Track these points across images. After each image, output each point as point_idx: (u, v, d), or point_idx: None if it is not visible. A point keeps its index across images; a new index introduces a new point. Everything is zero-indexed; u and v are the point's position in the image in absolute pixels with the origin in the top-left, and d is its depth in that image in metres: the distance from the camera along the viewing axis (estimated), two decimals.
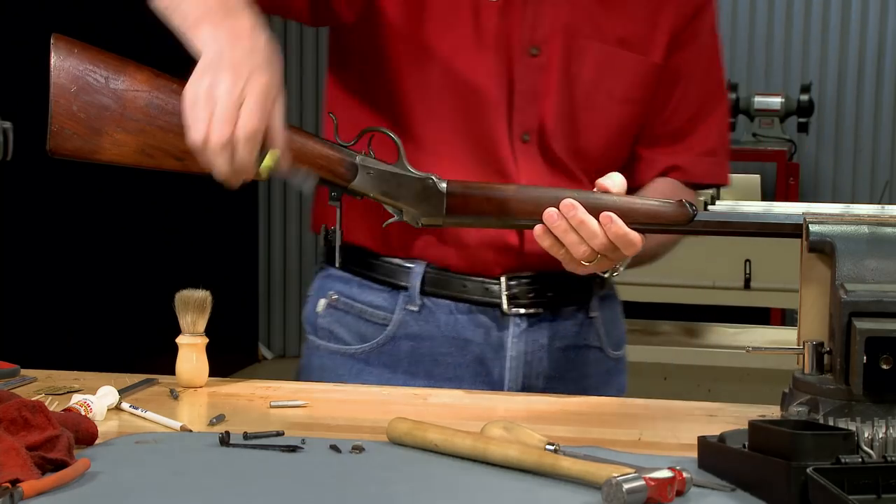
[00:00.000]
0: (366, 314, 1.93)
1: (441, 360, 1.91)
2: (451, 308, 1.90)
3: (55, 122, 1.66)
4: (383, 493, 1.35)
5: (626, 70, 1.91)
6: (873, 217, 1.56)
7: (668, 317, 4.81)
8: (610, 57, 1.90)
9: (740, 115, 6.37)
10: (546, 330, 1.93)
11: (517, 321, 1.91)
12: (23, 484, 1.28)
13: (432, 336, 1.91)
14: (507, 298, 1.90)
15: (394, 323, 1.91)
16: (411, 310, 1.91)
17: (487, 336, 1.91)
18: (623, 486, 1.26)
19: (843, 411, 1.43)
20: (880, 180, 7.00)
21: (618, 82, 1.91)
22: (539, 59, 1.87)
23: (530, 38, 1.86)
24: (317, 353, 1.97)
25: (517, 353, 1.91)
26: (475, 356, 1.91)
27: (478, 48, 1.85)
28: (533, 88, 1.87)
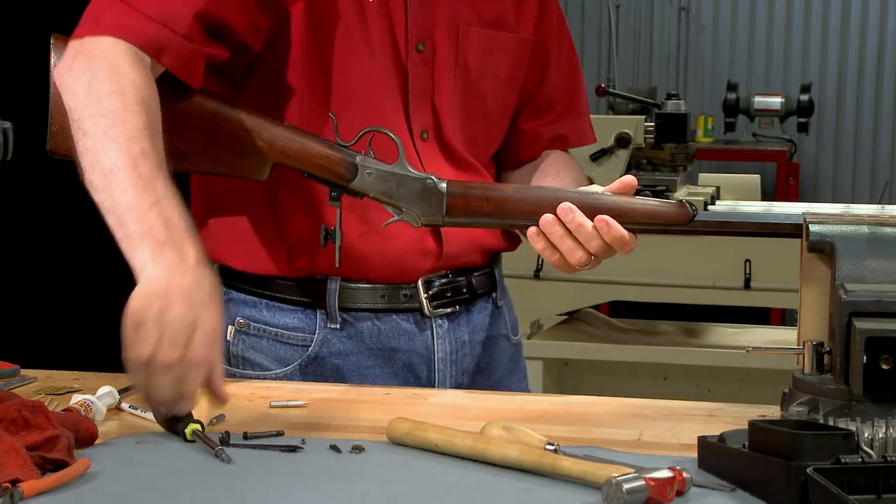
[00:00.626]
0: (283, 337, 1.88)
1: (368, 373, 1.88)
2: (372, 319, 1.88)
3: (55, 121, 1.66)
4: (383, 493, 1.35)
5: (506, 50, 1.94)
6: (873, 217, 1.56)
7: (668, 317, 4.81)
8: (490, 40, 1.92)
9: (740, 115, 6.38)
10: (465, 326, 1.94)
11: (439, 321, 1.91)
12: (23, 484, 1.28)
13: (357, 351, 1.88)
14: (428, 301, 1.89)
15: (315, 343, 1.87)
16: (332, 327, 1.87)
17: (412, 342, 1.90)
18: (623, 486, 1.26)
19: (843, 411, 1.43)
20: (880, 180, 7.00)
21: (501, 64, 1.93)
22: (425, 53, 1.87)
23: (415, 33, 1.86)
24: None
25: (444, 353, 1.91)
26: (403, 364, 1.89)
27: (370, 51, 1.83)
28: (425, 84, 1.88)
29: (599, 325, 4.51)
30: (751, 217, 1.80)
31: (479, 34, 1.91)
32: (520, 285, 3.94)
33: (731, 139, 6.58)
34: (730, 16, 7.19)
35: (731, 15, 7.19)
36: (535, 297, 4.14)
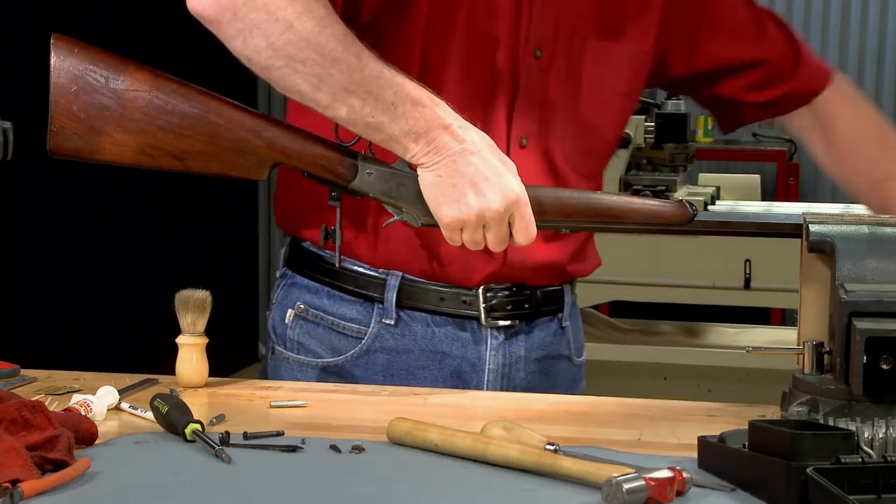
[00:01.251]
0: (338, 327, 1.89)
1: (417, 374, 1.88)
2: (427, 321, 1.88)
3: (55, 121, 1.66)
4: (383, 493, 1.35)
5: (624, 62, 1.90)
6: (873, 217, 1.56)
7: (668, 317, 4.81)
8: (608, 52, 1.89)
9: None
10: (522, 342, 1.91)
11: (495, 333, 1.89)
12: (23, 484, 1.28)
13: (409, 349, 1.88)
14: (485, 311, 1.87)
15: (369, 336, 1.88)
16: (387, 323, 1.87)
17: (465, 349, 1.89)
18: (623, 486, 1.26)
19: (843, 411, 1.43)
20: None
21: (619, 77, 1.90)
22: (542, 60, 1.84)
23: (534, 38, 1.83)
24: (286, 365, 1.92)
25: (495, 365, 1.89)
26: (452, 369, 1.89)
27: (485, 48, 1.81)
28: (536, 91, 1.85)
29: (599, 325, 4.51)
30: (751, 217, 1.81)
31: (597, 46, 1.87)
32: None
33: (731, 139, 6.57)
34: None
35: None
36: None
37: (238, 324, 6.49)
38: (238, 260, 6.59)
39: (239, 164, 1.71)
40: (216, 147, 1.70)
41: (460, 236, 1.68)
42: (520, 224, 1.67)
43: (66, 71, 1.66)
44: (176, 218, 5.65)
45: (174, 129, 1.66)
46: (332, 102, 1.65)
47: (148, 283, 5.25)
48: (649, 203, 1.71)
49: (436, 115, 1.65)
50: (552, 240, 1.89)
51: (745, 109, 2.04)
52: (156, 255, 5.46)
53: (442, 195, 1.66)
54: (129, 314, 5.27)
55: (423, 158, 1.66)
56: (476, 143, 1.66)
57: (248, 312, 6.76)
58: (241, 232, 6.65)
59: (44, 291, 4.78)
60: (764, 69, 2.01)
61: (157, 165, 1.69)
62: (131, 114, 1.66)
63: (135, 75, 1.67)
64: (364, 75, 1.64)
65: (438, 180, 1.66)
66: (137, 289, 5.28)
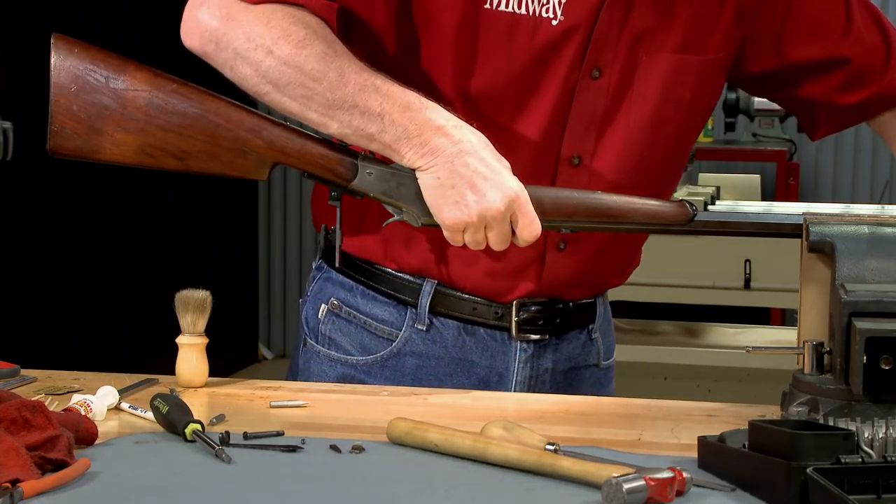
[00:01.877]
0: (370, 327, 1.89)
1: (445, 381, 1.88)
2: (459, 329, 1.87)
3: (55, 121, 1.66)
4: (383, 493, 1.35)
5: (690, 74, 1.83)
6: (873, 217, 1.56)
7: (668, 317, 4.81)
8: (676, 65, 1.82)
9: (740, 114, 6.37)
10: (550, 355, 1.91)
11: (524, 346, 1.88)
12: (23, 484, 1.28)
13: (438, 356, 1.88)
14: (517, 325, 1.87)
15: (400, 339, 1.88)
16: (419, 328, 1.87)
17: (493, 360, 1.88)
18: (623, 486, 1.26)
19: (843, 411, 1.43)
20: (880, 180, 6.99)
21: (684, 88, 1.83)
22: (601, 81, 1.79)
23: (592, 59, 1.78)
24: (316, 359, 1.93)
25: (522, 378, 1.89)
26: (479, 379, 1.88)
27: (533, 74, 1.77)
28: (593, 111, 1.80)
29: None
30: (751, 217, 1.80)
31: (665, 60, 1.81)
32: None
33: (731, 139, 6.58)
34: None
35: None
36: None
37: (238, 324, 6.50)
38: (238, 260, 6.59)
39: (239, 164, 1.71)
40: (216, 147, 1.70)
41: (462, 237, 1.68)
42: (523, 222, 1.66)
43: (66, 70, 1.66)
44: (176, 218, 5.66)
45: (174, 128, 1.66)
46: (322, 119, 1.67)
47: (148, 283, 5.25)
48: (649, 203, 1.71)
49: (426, 118, 1.65)
50: (593, 259, 1.87)
51: (830, 113, 1.96)
52: (156, 255, 5.46)
53: (442, 197, 1.65)
54: (129, 314, 5.28)
55: (420, 162, 1.65)
56: (472, 142, 1.65)
57: (248, 312, 6.76)
58: (241, 232, 6.65)
59: (44, 291, 4.79)
60: (848, 68, 1.90)
61: (157, 165, 1.68)
62: (131, 113, 1.66)
63: (135, 75, 1.67)
64: (347, 90, 1.65)
65: (437, 182, 1.65)
66: (137, 289, 5.28)
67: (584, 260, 1.86)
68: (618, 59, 1.79)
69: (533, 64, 1.76)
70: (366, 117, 1.65)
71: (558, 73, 1.77)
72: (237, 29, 1.68)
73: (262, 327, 7.04)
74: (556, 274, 1.85)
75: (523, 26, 1.75)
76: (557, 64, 1.77)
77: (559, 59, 1.77)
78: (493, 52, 1.76)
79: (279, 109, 1.69)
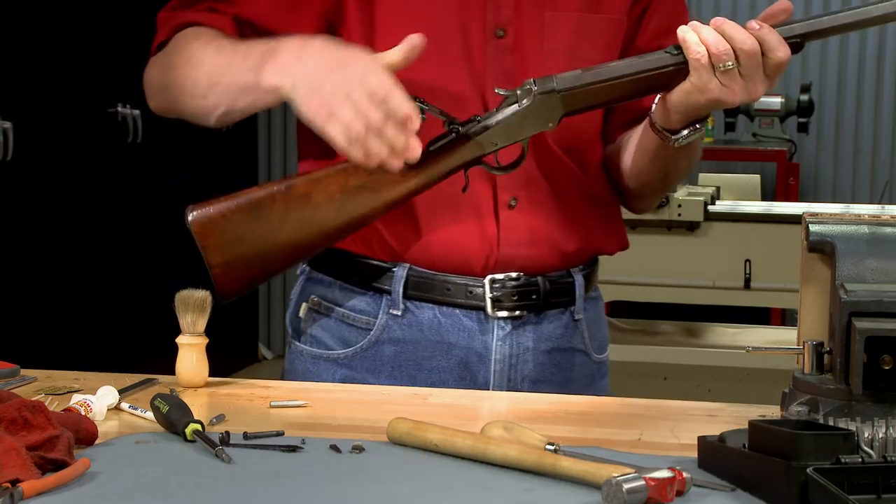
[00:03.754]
0: (348, 318, 1.91)
1: (424, 364, 1.89)
2: (434, 312, 1.88)
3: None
4: (383, 493, 1.35)
5: (598, 33, 1.89)
6: (873, 217, 1.56)
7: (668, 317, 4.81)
8: (581, 23, 1.88)
9: (740, 114, 6.38)
10: (531, 333, 1.91)
11: (501, 324, 1.89)
12: (23, 484, 1.28)
13: (416, 340, 1.89)
14: (492, 301, 1.87)
15: (377, 328, 1.89)
16: (394, 314, 1.88)
17: (471, 340, 1.88)
18: (623, 486, 1.27)
19: (843, 411, 1.43)
20: (880, 180, 7.00)
21: (594, 48, 1.88)
22: (506, 39, 1.85)
23: (494, 19, 1.84)
24: (300, 358, 1.94)
25: (502, 356, 1.89)
26: (459, 360, 1.89)
27: (439, 39, 1.80)
28: (505, 70, 1.85)
29: None
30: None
31: (568, 18, 1.86)
32: None
33: (731, 139, 6.58)
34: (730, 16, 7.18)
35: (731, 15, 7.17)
36: None
37: (238, 324, 6.50)
38: None
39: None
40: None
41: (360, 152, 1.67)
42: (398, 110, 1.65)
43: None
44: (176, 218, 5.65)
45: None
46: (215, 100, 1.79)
47: (148, 283, 5.25)
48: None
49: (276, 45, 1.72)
50: (549, 215, 1.89)
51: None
52: (156, 255, 5.46)
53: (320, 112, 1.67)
54: (129, 314, 5.27)
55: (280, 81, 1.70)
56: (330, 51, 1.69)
57: (248, 312, 6.76)
58: None
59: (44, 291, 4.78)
60: None
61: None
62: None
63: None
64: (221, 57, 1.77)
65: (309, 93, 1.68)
66: (137, 289, 5.28)
67: (538, 217, 1.87)
68: (521, 18, 1.84)
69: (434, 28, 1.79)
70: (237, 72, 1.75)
71: (470, 36, 1.83)
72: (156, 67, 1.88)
73: (262, 327, 7.04)
74: (514, 233, 1.86)
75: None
76: (456, 26, 1.83)
77: (457, 20, 1.83)
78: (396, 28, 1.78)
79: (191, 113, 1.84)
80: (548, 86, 1.73)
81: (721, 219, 4.32)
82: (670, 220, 4.24)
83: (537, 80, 1.73)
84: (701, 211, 4.24)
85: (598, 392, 1.99)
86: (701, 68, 1.72)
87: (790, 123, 6.38)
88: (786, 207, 4.76)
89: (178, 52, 1.83)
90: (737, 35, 1.75)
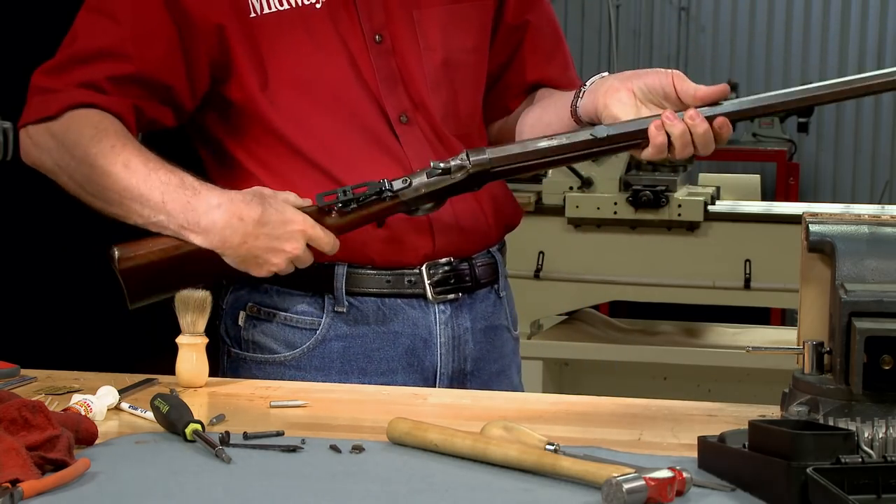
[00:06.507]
0: (291, 321, 1.92)
1: (373, 356, 1.92)
2: (377, 304, 1.92)
3: None
4: (383, 493, 1.35)
5: (469, 20, 1.97)
6: (873, 217, 1.56)
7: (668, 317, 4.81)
8: (451, 14, 1.95)
9: None
10: (467, 313, 1.97)
11: (442, 308, 1.94)
12: (23, 484, 1.28)
13: (363, 334, 1.92)
14: (431, 287, 1.92)
15: (323, 326, 1.91)
16: (339, 311, 1.91)
17: (415, 327, 1.93)
18: (623, 486, 1.27)
19: (843, 411, 1.43)
20: (880, 180, 7.00)
21: (467, 35, 1.97)
22: (384, 44, 1.91)
23: (368, 26, 1.90)
24: (244, 366, 1.94)
25: (446, 339, 1.94)
26: (406, 348, 1.93)
27: (327, 53, 1.89)
28: (391, 72, 1.91)
29: (599, 325, 4.51)
30: None
31: (437, 12, 1.95)
32: (520, 285, 3.93)
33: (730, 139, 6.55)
34: (730, 16, 7.19)
35: (731, 15, 7.18)
36: (535, 297, 4.14)
37: None
38: None
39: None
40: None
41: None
42: (319, 243, 1.80)
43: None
44: None
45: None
46: (123, 213, 1.88)
47: None
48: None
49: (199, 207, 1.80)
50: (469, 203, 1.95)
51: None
52: None
53: (251, 266, 1.80)
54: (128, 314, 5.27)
55: (212, 246, 1.80)
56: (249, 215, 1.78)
57: None
58: None
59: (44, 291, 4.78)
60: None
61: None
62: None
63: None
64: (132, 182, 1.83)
65: (238, 261, 1.80)
66: None
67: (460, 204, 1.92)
68: (393, 20, 1.92)
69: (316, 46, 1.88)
70: (152, 208, 1.83)
71: (342, 47, 1.89)
72: (48, 144, 1.87)
73: None
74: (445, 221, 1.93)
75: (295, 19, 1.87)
76: (337, 38, 1.89)
77: (336, 34, 1.88)
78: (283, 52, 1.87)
79: (98, 210, 1.90)
80: (482, 161, 1.82)
81: (721, 219, 4.31)
82: (670, 220, 4.24)
83: (470, 155, 1.82)
84: (701, 211, 4.23)
85: (517, 366, 2.08)
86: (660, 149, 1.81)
87: (790, 123, 6.38)
88: (786, 207, 4.76)
89: (75, 143, 1.84)
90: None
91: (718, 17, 7.22)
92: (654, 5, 7.28)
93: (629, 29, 7.29)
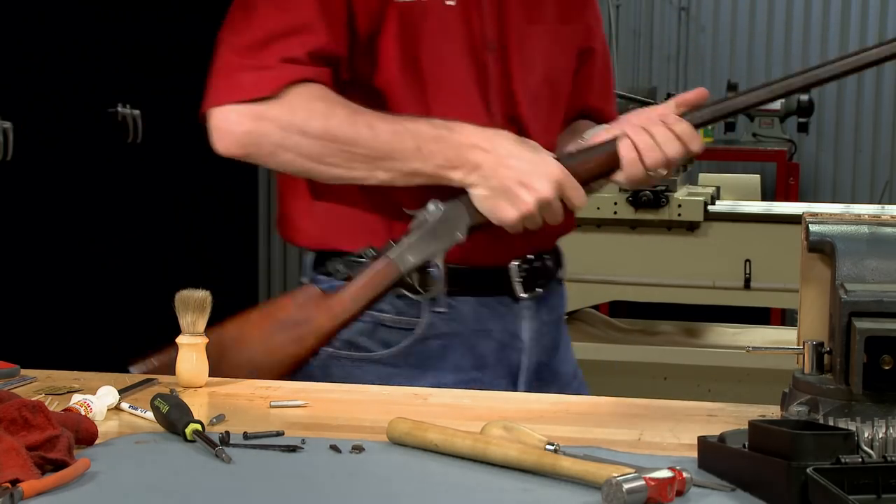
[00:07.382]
0: (387, 321, 1.94)
1: (469, 354, 1.96)
2: (474, 304, 1.95)
3: None
4: (383, 493, 1.35)
5: (570, 42, 2.04)
6: (873, 217, 1.56)
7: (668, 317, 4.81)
8: (558, 35, 2.00)
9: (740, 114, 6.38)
10: (545, 307, 2.03)
11: (528, 304, 1.99)
12: (23, 484, 1.28)
13: (460, 332, 1.95)
14: (520, 284, 1.96)
15: (421, 326, 1.94)
16: (438, 311, 1.94)
17: (505, 323, 1.97)
18: (623, 486, 1.27)
19: (843, 411, 1.43)
20: (880, 180, 7.00)
21: (566, 56, 2.03)
22: (497, 52, 1.94)
23: (488, 33, 1.94)
24: (337, 364, 1.94)
25: (531, 333, 2.00)
26: (497, 342, 1.97)
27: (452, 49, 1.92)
28: (500, 77, 1.94)
29: (599, 325, 4.51)
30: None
31: (546, 30, 1.99)
32: None
33: (731, 139, 6.58)
34: (730, 16, 7.19)
35: (731, 15, 7.18)
36: None
37: None
38: (238, 260, 6.58)
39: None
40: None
41: (523, 225, 1.82)
42: (570, 194, 1.83)
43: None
44: (176, 218, 5.65)
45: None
46: (368, 174, 1.85)
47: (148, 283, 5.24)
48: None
49: (459, 141, 1.82)
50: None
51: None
52: (156, 255, 5.46)
53: (498, 203, 1.82)
54: (129, 314, 5.27)
55: (469, 180, 1.82)
56: (505, 146, 1.82)
57: None
58: (241, 232, 6.65)
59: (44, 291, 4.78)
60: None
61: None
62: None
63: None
64: (381, 140, 1.83)
65: (491, 193, 1.82)
66: (137, 289, 5.28)
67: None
68: (508, 32, 1.96)
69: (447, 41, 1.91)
70: (406, 158, 1.83)
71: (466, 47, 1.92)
72: (268, 124, 1.83)
73: None
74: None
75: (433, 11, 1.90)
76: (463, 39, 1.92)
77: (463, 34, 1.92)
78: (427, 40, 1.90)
79: (327, 178, 1.88)
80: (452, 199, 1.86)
81: (721, 219, 4.32)
82: (670, 220, 4.24)
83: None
84: (701, 211, 4.24)
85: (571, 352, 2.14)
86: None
87: (790, 123, 6.38)
88: (786, 207, 4.76)
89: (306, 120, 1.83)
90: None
91: (718, 17, 7.22)
92: (654, 5, 7.28)
93: (629, 29, 7.29)
